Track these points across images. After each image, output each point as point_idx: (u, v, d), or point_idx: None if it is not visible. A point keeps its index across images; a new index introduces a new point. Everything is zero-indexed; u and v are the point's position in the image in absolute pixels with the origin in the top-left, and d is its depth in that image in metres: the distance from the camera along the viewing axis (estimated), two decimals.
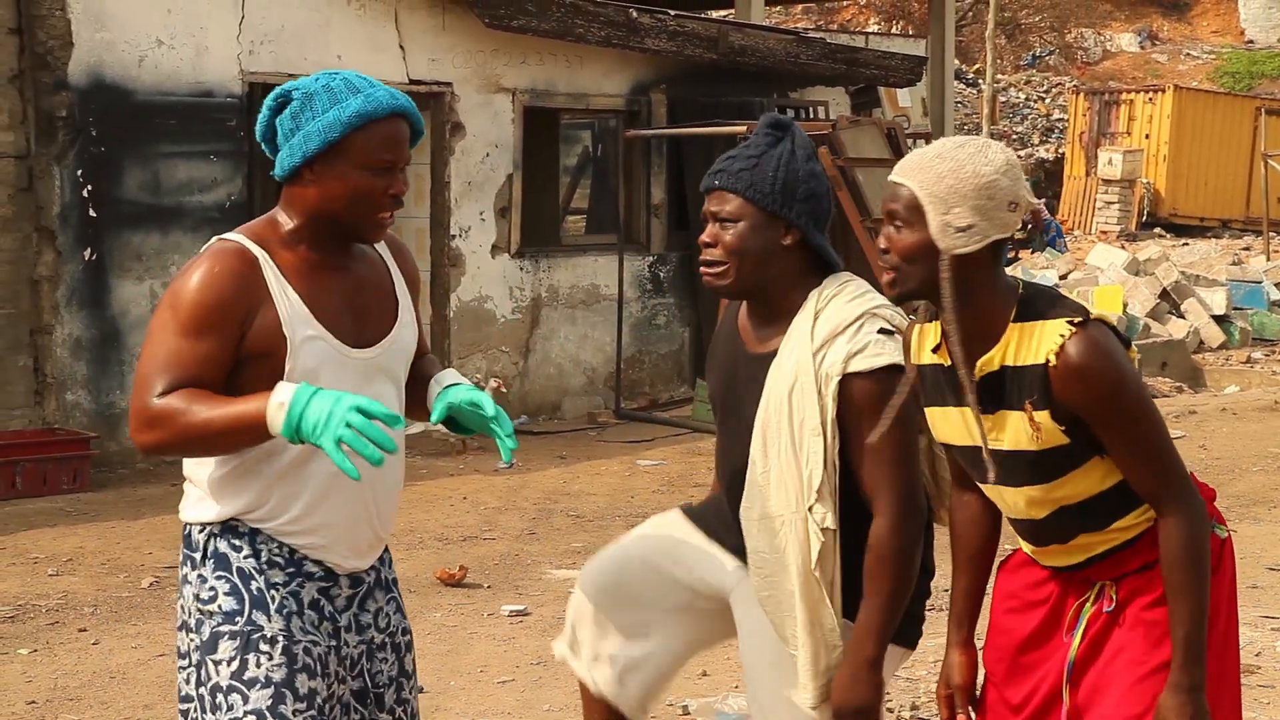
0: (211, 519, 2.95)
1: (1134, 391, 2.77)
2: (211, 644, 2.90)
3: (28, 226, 9.56)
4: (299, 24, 10.51)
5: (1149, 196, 27.01)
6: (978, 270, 2.80)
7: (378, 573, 3.09)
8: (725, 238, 3.10)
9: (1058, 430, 2.79)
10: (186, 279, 2.86)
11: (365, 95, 2.90)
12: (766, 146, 3.13)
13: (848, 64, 13.66)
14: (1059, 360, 2.74)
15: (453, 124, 11.35)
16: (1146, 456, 2.79)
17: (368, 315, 2.99)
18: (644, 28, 11.97)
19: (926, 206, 2.78)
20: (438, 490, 9.30)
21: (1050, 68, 36.19)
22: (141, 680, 5.86)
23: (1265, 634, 6.31)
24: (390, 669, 3.07)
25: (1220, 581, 2.91)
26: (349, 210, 2.92)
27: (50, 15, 9.48)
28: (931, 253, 2.79)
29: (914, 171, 2.82)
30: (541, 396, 11.90)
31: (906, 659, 3.28)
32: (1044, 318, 2.78)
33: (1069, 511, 2.87)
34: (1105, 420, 2.76)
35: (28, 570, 7.42)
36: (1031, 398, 2.78)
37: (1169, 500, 2.79)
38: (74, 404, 9.65)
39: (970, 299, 2.81)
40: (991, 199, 2.78)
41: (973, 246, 2.78)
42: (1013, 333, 2.81)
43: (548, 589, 7.14)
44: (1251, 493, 9.10)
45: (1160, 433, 2.80)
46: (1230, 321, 16.17)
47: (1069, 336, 2.75)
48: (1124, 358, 2.79)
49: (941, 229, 2.78)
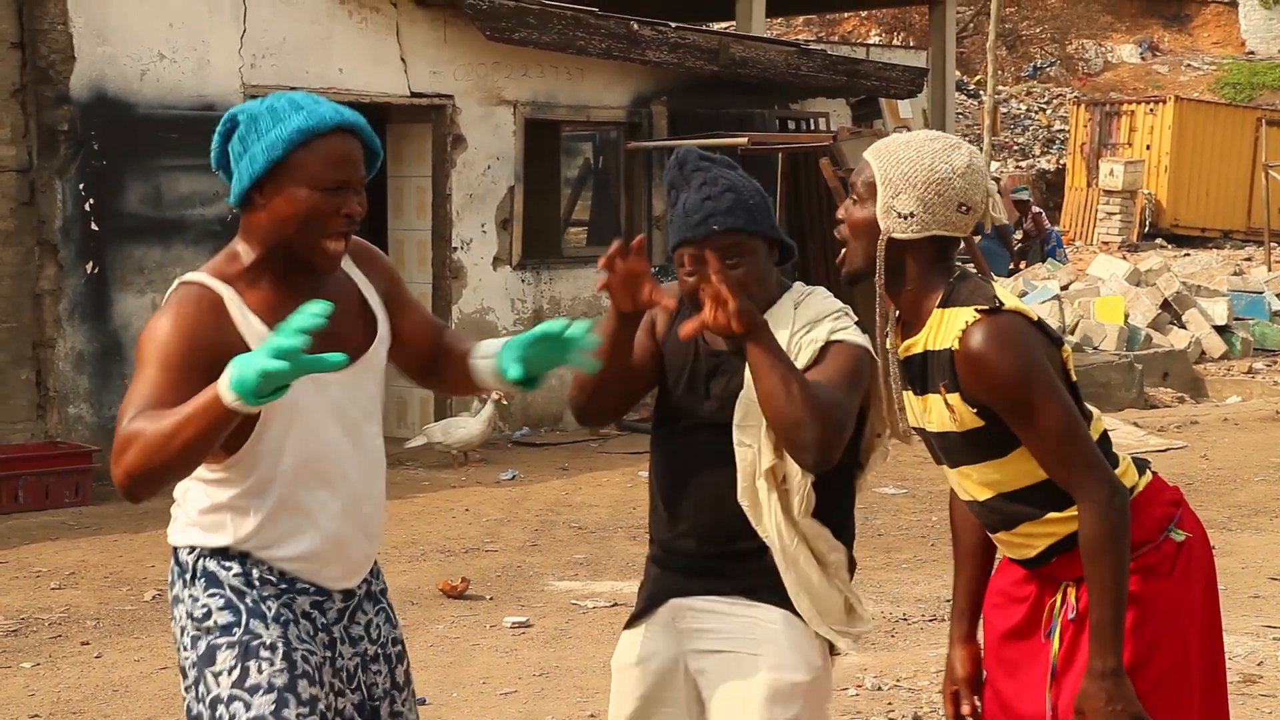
0: (199, 544, 2.95)
1: (1032, 383, 2.80)
2: (209, 657, 2.89)
3: (30, 240, 9.58)
4: (301, 37, 10.53)
5: (1150, 207, 27.00)
6: (914, 258, 2.89)
7: (367, 585, 3.08)
8: (736, 275, 3.07)
9: (971, 413, 2.85)
10: (155, 325, 2.82)
11: (308, 112, 2.84)
12: (721, 177, 3.13)
13: (849, 75, 13.68)
14: (960, 346, 2.82)
15: (454, 136, 11.37)
16: (1048, 446, 2.82)
17: (340, 337, 2.92)
18: (645, 40, 11.99)
19: (879, 187, 2.89)
20: (440, 502, 9.30)
21: (1051, 79, 36.22)
22: (144, 693, 5.86)
23: (1267, 643, 6.30)
24: (384, 681, 3.06)
25: (1183, 587, 2.91)
26: (300, 233, 2.83)
27: (52, 29, 9.51)
28: (874, 230, 2.90)
29: (880, 152, 2.92)
30: (543, 408, 11.90)
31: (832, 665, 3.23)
32: (960, 304, 2.86)
33: (1007, 497, 2.91)
34: (1004, 409, 2.82)
35: (30, 584, 7.42)
36: (944, 380, 2.86)
37: (1078, 489, 2.82)
38: (76, 417, 9.66)
39: (902, 283, 2.91)
40: (940, 195, 2.86)
41: (910, 234, 2.87)
42: (936, 318, 2.89)
43: (550, 600, 7.14)
44: (1253, 503, 9.09)
45: (1064, 423, 2.81)
46: (1232, 332, 16.17)
47: (972, 323, 2.81)
48: (1027, 350, 2.81)
49: (885, 210, 2.88)
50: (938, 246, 2.90)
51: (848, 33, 35.32)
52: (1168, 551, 2.91)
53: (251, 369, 2.52)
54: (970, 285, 2.89)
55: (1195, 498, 9.10)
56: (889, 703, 5.67)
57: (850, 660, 6.12)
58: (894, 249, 2.88)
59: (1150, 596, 2.88)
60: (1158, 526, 2.92)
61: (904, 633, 6.56)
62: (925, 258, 2.89)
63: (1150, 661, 2.86)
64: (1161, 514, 2.94)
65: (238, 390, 2.53)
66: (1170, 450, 10.67)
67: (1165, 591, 2.88)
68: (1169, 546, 2.91)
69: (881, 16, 35.03)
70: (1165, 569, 2.90)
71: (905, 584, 7.27)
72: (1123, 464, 2.95)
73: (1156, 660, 2.86)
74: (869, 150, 2.95)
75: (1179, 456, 10.46)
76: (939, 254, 2.90)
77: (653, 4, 16.12)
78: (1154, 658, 2.86)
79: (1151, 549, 2.90)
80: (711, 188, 3.12)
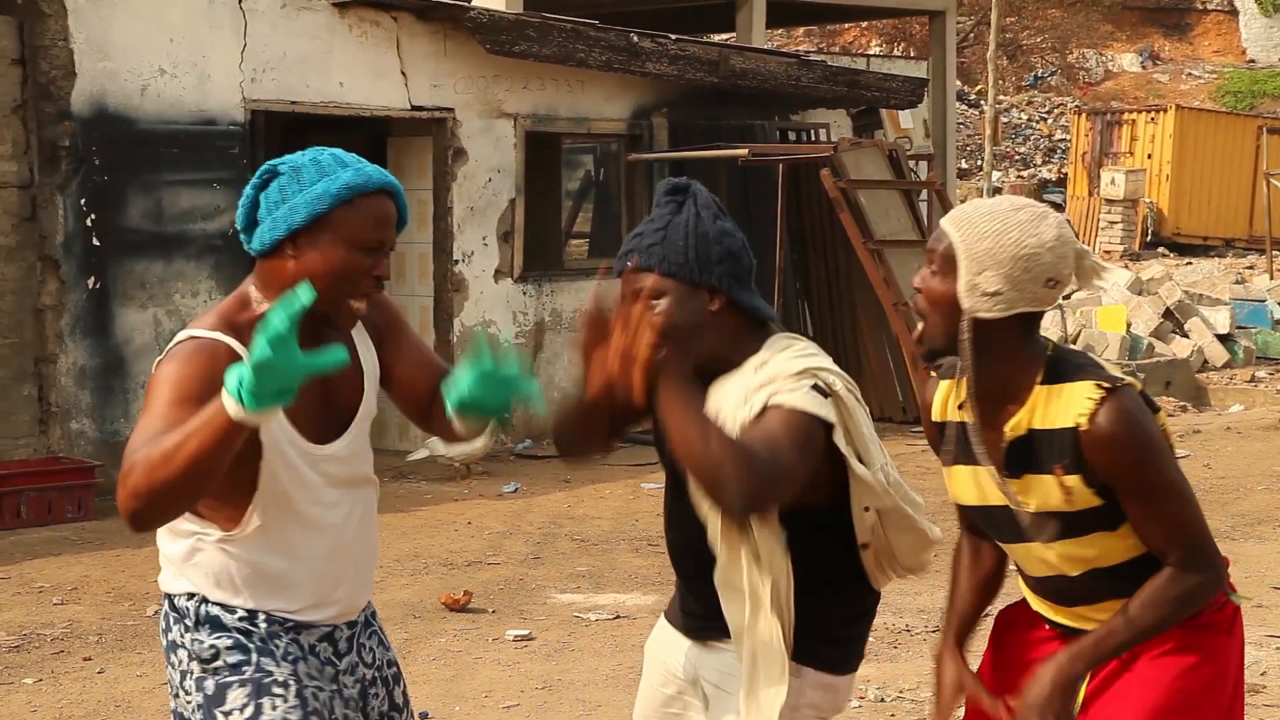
0: (198, 591, 2.89)
1: (1163, 463, 2.75)
2: (219, 697, 2.83)
3: (31, 256, 9.58)
4: (301, 51, 10.55)
5: (1152, 216, 27.02)
6: (1002, 336, 2.76)
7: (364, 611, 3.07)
8: (653, 320, 2.86)
9: (1090, 493, 2.77)
10: (164, 369, 2.75)
11: (355, 169, 2.82)
12: (670, 215, 2.99)
13: (849, 86, 13.69)
14: (1089, 425, 2.71)
15: (455, 150, 11.38)
16: (1171, 524, 2.76)
17: (335, 398, 2.91)
18: (645, 52, 12.00)
19: (960, 262, 2.75)
20: (442, 515, 9.30)
21: (1052, 88, 36.25)
22: (147, 709, 5.85)
23: (1270, 653, 6.30)
24: (382, 704, 3.03)
25: (1231, 647, 2.90)
26: (326, 289, 2.78)
27: (53, 45, 9.52)
28: (956, 308, 2.76)
29: (961, 223, 2.78)
30: (546, 421, 11.89)
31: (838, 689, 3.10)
32: (1072, 379, 2.75)
33: (1100, 574, 2.84)
34: (1132, 488, 2.74)
35: (33, 599, 7.42)
36: (1062, 461, 2.75)
37: (1182, 563, 2.78)
38: (78, 433, 9.66)
39: (992, 362, 2.77)
40: (1028, 271, 2.73)
41: (996, 314, 2.74)
42: (1039, 395, 2.77)
43: (552, 613, 7.13)
44: (1256, 511, 9.09)
45: (1186, 505, 2.77)
46: (1234, 340, 16.17)
47: (1099, 401, 2.71)
48: (1154, 427, 2.76)
49: (969, 288, 2.74)
50: (1024, 323, 2.78)
51: (848, 43, 35.37)
52: (1229, 613, 2.90)
53: (247, 367, 2.45)
54: (1075, 359, 2.79)
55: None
56: (892, 714, 5.66)
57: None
58: (980, 329, 2.75)
59: (1213, 650, 2.86)
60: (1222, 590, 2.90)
61: (907, 644, 6.55)
62: (1011, 335, 2.77)
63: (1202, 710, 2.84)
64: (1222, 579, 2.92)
65: (237, 394, 2.44)
66: None
67: (1224, 648, 2.88)
68: (1230, 608, 2.90)
69: (882, 27, 35.08)
70: (1225, 627, 2.89)
71: (908, 595, 7.26)
72: None
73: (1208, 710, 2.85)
74: (948, 219, 2.80)
75: (1182, 465, 10.43)
76: (1026, 330, 2.78)
77: (653, 16, 16.15)
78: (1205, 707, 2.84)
79: (1216, 609, 2.88)
80: (653, 224, 2.99)
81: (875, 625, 7.00)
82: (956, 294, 2.75)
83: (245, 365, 2.45)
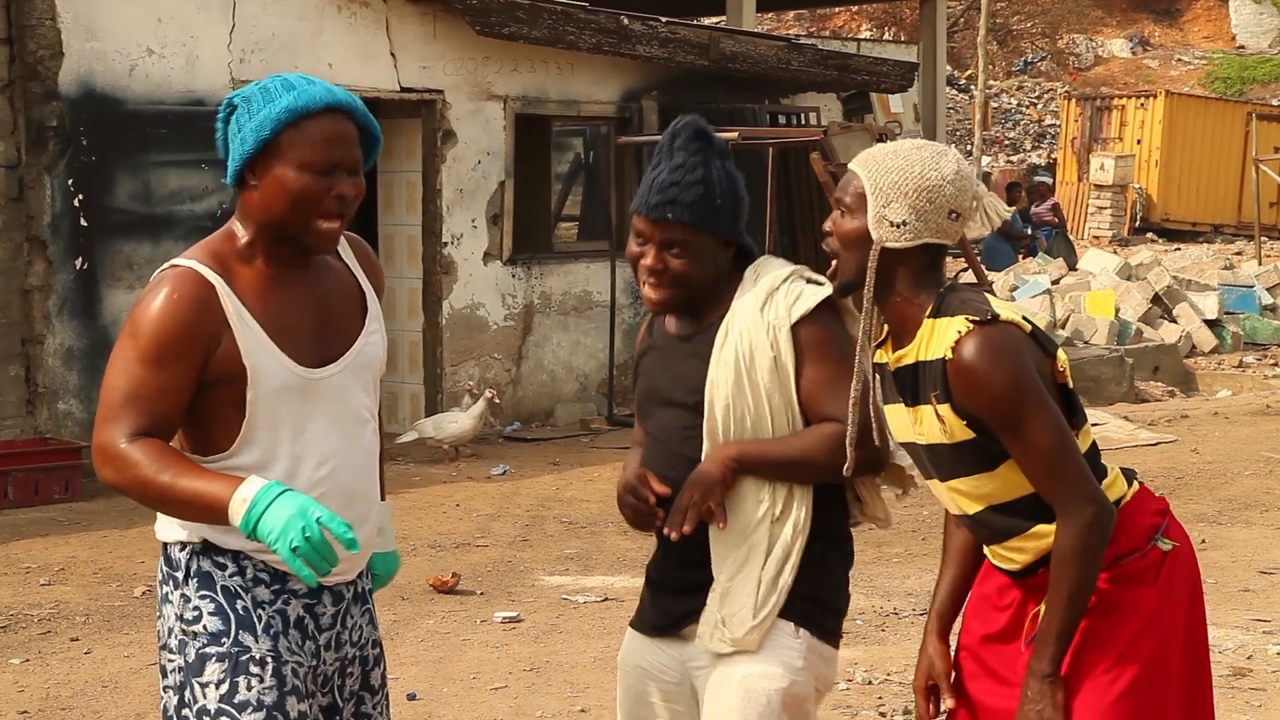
0: (191, 539, 2.89)
1: (1023, 397, 2.80)
2: (198, 666, 2.84)
3: (19, 236, 9.56)
4: (290, 32, 10.52)
5: (1141, 202, 27.04)
6: (906, 268, 2.89)
7: (354, 586, 3.02)
8: (674, 264, 3.09)
9: (962, 425, 2.85)
10: (145, 307, 2.79)
11: (298, 91, 2.82)
12: (700, 166, 3.11)
13: (839, 70, 13.67)
14: (953, 357, 2.81)
15: (444, 131, 11.36)
16: (1036, 461, 2.82)
17: (332, 328, 2.92)
18: (635, 35, 11.98)
19: (869, 196, 2.88)
20: (431, 497, 9.29)
21: (1042, 73, 36.25)
22: (134, 689, 5.85)
23: (1257, 637, 6.31)
24: (354, 683, 3.01)
25: (1167, 596, 2.91)
26: (291, 214, 2.81)
27: (40, 25, 9.48)
28: (865, 241, 2.89)
29: (867, 162, 2.92)
30: (534, 403, 11.89)
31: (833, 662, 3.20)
32: (950, 314, 2.85)
33: (996, 510, 2.92)
34: (995, 422, 2.82)
35: (20, 580, 7.41)
36: (935, 391, 2.86)
37: (1063, 503, 2.83)
38: (66, 413, 9.64)
39: (892, 293, 2.90)
40: (931, 202, 2.86)
41: (903, 243, 2.87)
42: (926, 328, 2.88)
43: (540, 595, 7.13)
44: (1243, 496, 9.11)
45: (1054, 437, 2.81)
46: (1222, 326, 16.20)
47: (964, 334, 2.81)
48: (1020, 362, 2.81)
49: (877, 220, 2.88)
50: (929, 255, 2.90)
51: (838, 27, 35.33)
52: (1153, 560, 2.91)
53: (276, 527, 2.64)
54: (961, 295, 2.88)
55: (1185, 491, 9.11)
56: (879, 696, 5.67)
57: (841, 654, 6.11)
58: (886, 259, 2.88)
59: (1132, 603, 2.89)
60: (1144, 535, 2.92)
61: (894, 627, 6.56)
62: (917, 267, 2.89)
63: (1126, 667, 2.86)
64: (1148, 523, 2.94)
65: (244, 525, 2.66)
66: (1161, 444, 10.69)
67: (1147, 599, 2.89)
68: (1154, 555, 2.92)
69: (872, 11, 35.05)
70: (1150, 577, 2.90)
71: (896, 578, 7.27)
72: (1111, 474, 2.95)
73: (1132, 667, 2.86)
74: (855, 161, 2.94)
75: (1169, 450, 10.47)
76: (930, 263, 2.90)
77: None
78: (1130, 664, 2.86)
79: (1138, 556, 2.90)
80: (685, 174, 3.10)
81: (863, 608, 7.04)
82: (865, 228, 2.89)
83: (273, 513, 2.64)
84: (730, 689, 3.09)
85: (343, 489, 2.92)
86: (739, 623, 3.09)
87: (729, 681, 3.10)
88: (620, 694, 3.33)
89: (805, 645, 3.12)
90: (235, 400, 2.82)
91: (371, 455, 3.02)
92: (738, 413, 3.09)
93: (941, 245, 2.91)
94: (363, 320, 2.99)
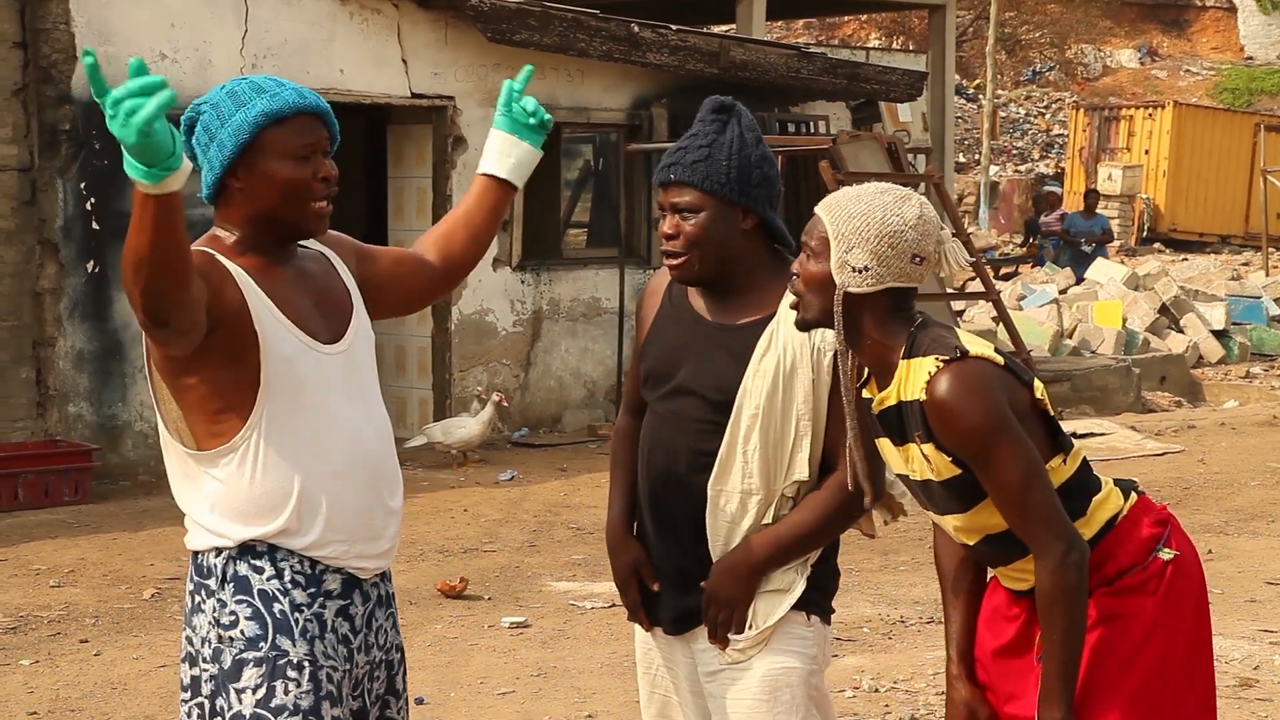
0: (225, 543, 2.89)
1: (993, 432, 2.80)
2: (235, 671, 2.84)
3: (31, 239, 9.59)
4: (302, 38, 10.55)
5: (1148, 212, 27.05)
6: (870, 311, 2.90)
7: (379, 588, 3.05)
8: (686, 228, 3.13)
9: (948, 462, 2.86)
10: None
11: (270, 95, 2.89)
12: (715, 134, 3.16)
13: (848, 79, 13.69)
14: (927, 396, 2.83)
15: (455, 137, 11.39)
16: (1006, 498, 2.83)
17: (327, 310, 2.98)
18: (645, 42, 12.01)
19: (831, 241, 2.89)
20: (439, 502, 9.32)
21: (1050, 83, 36.26)
22: (143, 691, 5.87)
23: (1263, 648, 6.32)
24: (380, 687, 3.03)
25: (1169, 605, 2.91)
26: (284, 205, 2.89)
27: (54, 29, 9.53)
28: (828, 285, 2.90)
29: (830, 207, 2.93)
30: (542, 409, 11.92)
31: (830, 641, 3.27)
32: (921, 354, 2.87)
33: (995, 539, 2.92)
34: (969, 457, 2.83)
35: (29, 582, 7.44)
36: (918, 431, 2.87)
37: (1034, 542, 2.84)
38: (76, 416, 9.67)
39: (862, 336, 2.92)
40: (893, 247, 2.87)
41: (864, 288, 2.88)
42: (902, 369, 2.89)
43: (548, 601, 7.15)
44: (1250, 507, 9.11)
45: (1024, 475, 2.81)
46: (1229, 336, 16.21)
47: (935, 374, 2.82)
48: (990, 398, 2.81)
49: (839, 265, 2.89)
50: (893, 299, 2.91)
51: (847, 36, 35.37)
52: (1154, 570, 2.91)
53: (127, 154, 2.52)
54: (931, 334, 2.89)
55: (1192, 502, 9.12)
56: (885, 705, 5.68)
57: (847, 662, 6.14)
58: (850, 303, 2.89)
59: (1131, 613, 2.89)
60: (1144, 549, 2.92)
61: (901, 635, 6.57)
62: (881, 310, 2.90)
63: (1128, 678, 2.87)
64: (1149, 535, 2.94)
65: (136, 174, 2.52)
66: (1167, 454, 10.69)
67: (1147, 609, 2.89)
68: (1155, 565, 2.91)
69: (881, 20, 35.07)
70: (1151, 587, 2.90)
71: (903, 586, 7.29)
72: (1105, 488, 2.95)
73: (1134, 677, 2.87)
74: (820, 205, 2.96)
75: (1176, 461, 10.48)
76: (895, 305, 2.91)
77: (653, 6, 16.14)
78: (1132, 674, 2.87)
79: (1138, 570, 2.90)
80: (695, 140, 3.15)
81: (870, 616, 7.06)
82: (828, 272, 2.90)
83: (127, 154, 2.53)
84: (753, 684, 3.13)
85: (367, 463, 2.94)
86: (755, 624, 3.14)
87: (750, 676, 3.13)
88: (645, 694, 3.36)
89: (816, 633, 3.18)
90: (249, 380, 2.83)
91: (388, 430, 3.05)
92: (764, 423, 3.11)
93: (906, 289, 2.92)
94: (350, 301, 3.04)
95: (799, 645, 3.15)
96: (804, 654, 3.15)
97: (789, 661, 3.13)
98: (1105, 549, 2.90)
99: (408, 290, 3.22)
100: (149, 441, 9.86)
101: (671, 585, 3.25)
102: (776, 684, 3.12)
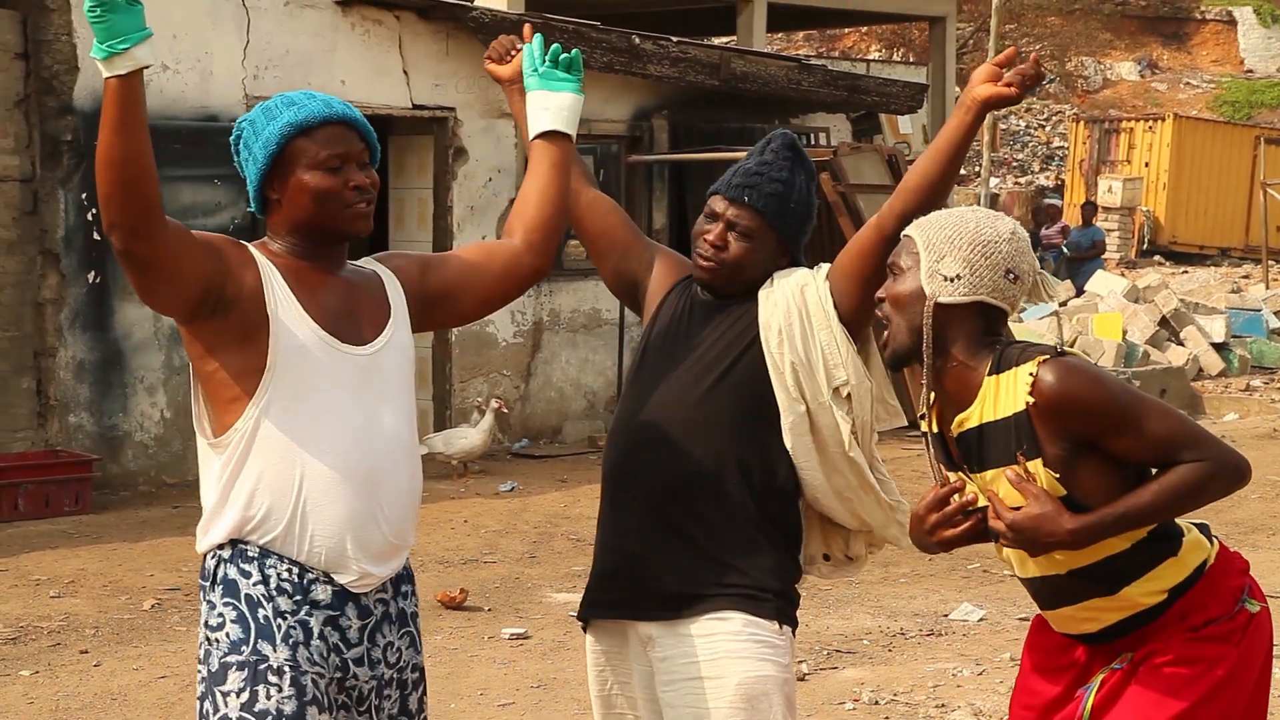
0: (220, 540, 2.92)
1: (1122, 395, 2.76)
2: (220, 674, 2.88)
3: (32, 250, 9.60)
4: (304, 49, 10.57)
5: (1149, 224, 27.05)
6: (962, 328, 2.82)
7: (387, 606, 3.01)
8: (735, 247, 3.23)
9: (1053, 479, 2.76)
10: None
11: (298, 106, 2.97)
12: (789, 171, 3.27)
13: (849, 91, 13.71)
14: (1036, 396, 2.73)
15: (456, 149, 11.40)
16: (1165, 441, 2.75)
17: (362, 316, 3.01)
18: (646, 54, 12.03)
19: (921, 254, 2.84)
20: (439, 513, 9.32)
21: (1050, 95, 36.30)
22: (142, 702, 5.87)
23: None
24: (392, 706, 3.01)
25: (1246, 658, 2.86)
26: (320, 213, 2.96)
27: (56, 40, 9.54)
28: (918, 300, 2.83)
29: (921, 224, 2.90)
30: (542, 420, 11.92)
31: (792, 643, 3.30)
32: (1013, 366, 2.78)
33: (1082, 573, 2.84)
34: (1109, 428, 2.74)
35: (29, 592, 7.44)
36: (1021, 448, 2.77)
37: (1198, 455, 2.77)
38: (77, 426, 9.67)
39: (948, 357, 2.83)
40: (986, 257, 2.81)
41: (957, 297, 2.80)
42: (989, 387, 2.80)
43: (548, 612, 7.15)
44: (1250, 520, 9.12)
45: (1169, 416, 2.77)
46: (1229, 349, 16.20)
47: (1038, 374, 2.74)
48: (1100, 371, 2.81)
49: (930, 275, 2.83)
50: (985, 320, 2.82)
51: (848, 48, 35.40)
52: (1240, 622, 2.87)
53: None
54: (1018, 347, 2.81)
55: (1192, 515, 9.12)
56: (885, 717, 5.68)
57: (847, 674, 6.14)
58: (940, 318, 2.80)
59: (1211, 660, 2.84)
60: (1233, 598, 2.88)
61: (901, 647, 6.57)
62: (972, 330, 2.81)
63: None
64: (1236, 584, 2.90)
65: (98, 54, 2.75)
66: None
67: (1227, 657, 2.84)
68: (1242, 617, 2.87)
69: (882, 32, 35.10)
70: (1236, 639, 2.86)
71: (903, 598, 7.29)
72: (1190, 534, 2.90)
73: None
74: (910, 226, 2.91)
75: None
76: (986, 328, 2.82)
77: (654, 18, 16.17)
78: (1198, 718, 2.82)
79: (1226, 620, 2.86)
80: (771, 170, 3.26)
81: (870, 628, 7.05)
82: (919, 287, 2.83)
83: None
84: (728, 692, 3.13)
85: (367, 468, 2.94)
86: None
87: (724, 685, 3.14)
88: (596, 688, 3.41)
89: (788, 642, 3.21)
90: (259, 368, 2.88)
91: (398, 444, 3.02)
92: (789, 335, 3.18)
93: (999, 309, 2.82)
94: (388, 313, 3.07)
95: (773, 654, 3.17)
96: (779, 662, 3.17)
97: (765, 669, 3.15)
98: (1197, 597, 2.85)
99: (492, 275, 3.24)
100: (149, 452, 9.87)
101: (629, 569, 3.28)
102: (753, 692, 3.13)
